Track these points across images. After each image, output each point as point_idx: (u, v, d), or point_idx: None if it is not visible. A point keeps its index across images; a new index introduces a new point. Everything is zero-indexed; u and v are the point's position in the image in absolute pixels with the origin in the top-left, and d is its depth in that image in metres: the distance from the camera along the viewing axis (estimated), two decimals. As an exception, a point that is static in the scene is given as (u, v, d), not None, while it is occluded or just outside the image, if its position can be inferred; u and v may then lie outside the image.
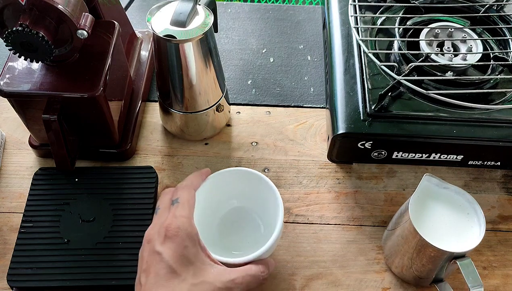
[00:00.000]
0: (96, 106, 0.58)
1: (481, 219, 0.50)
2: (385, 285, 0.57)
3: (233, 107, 0.73)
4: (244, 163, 0.67)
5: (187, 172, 0.66)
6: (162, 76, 0.62)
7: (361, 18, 0.71)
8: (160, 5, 0.58)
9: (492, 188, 0.65)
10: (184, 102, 0.63)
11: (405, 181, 0.65)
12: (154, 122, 0.71)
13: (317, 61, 0.79)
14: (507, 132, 0.59)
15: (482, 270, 0.58)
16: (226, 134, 0.70)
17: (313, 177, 0.65)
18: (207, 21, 0.56)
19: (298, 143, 0.69)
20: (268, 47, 0.81)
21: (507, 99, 0.62)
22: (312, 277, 0.57)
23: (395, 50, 0.67)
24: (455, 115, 0.60)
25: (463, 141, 0.60)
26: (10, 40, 0.49)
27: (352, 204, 0.63)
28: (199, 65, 0.59)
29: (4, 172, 0.66)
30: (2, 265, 0.57)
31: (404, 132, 0.60)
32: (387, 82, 0.62)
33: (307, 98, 0.74)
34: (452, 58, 0.64)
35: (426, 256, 0.50)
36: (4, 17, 0.52)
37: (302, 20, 0.85)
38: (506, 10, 0.72)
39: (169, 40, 0.55)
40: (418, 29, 0.68)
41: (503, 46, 0.68)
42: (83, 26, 0.52)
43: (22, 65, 0.58)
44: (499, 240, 0.60)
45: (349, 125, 0.60)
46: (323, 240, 0.60)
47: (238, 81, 0.76)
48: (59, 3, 0.50)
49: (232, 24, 0.84)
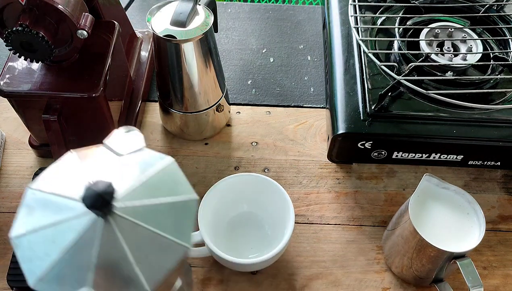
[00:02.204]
0: (96, 106, 0.58)
1: (481, 219, 0.50)
2: (385, 285, 0.57)
3: (233, 107, 0.73)
4: (244, 163, 0.67)
5: (187, 172, 0.65)
6: (162, 76, 0.62)
7: (361, 18, 0.71)
8: (160, 5, 0.58)
9: (492, 188, 0.65)
10: (184, 102, 0.63)
11: (405, 181, 0.65)
12: (154, 122, 0.71)
13: (317, 61, 0.79)
14: (507, 132, 0.59)
15: (482, 270, 0.58)
16: (226, 134, 0.70)
17: (313, 177, 0.65)
18: (207, 21, 0.56)
19: (298, 143, 0.69)
20: (268, 47, 0.81)
21: (507, 99, 0.62)
22: (312, 277, 0.57)
23: (395, 50, 0.67)
24: (455, 115, 0.60)
25: (463, 141, 0.60)
26: (10, 40, 0.49)
27: (352, 204, 0.63)
28: (199, 65, 0.59)
29: (4, 172, 0.66)
30: (2, 265, 0.57)
31: (404, 132, 0.60)
32: (387, 82, 0.62)
33: (307, 98, 0.74)
34: (452, 58, 0.64)
35: (426, 256, 0.50)
36: (4, 17, 0.52)
37: (302, 20, 0.85)
38: (506, 10, 0.72)
39: (169, 40, 0.55)
40: (418, 29, 0.68)
41: (503, 46, 0.68)
42: (83, 26, 0.52)
43: (22, 65, 0.58)
44: (499, 240, 0.60)
45: (349, 125, 0.60)
46: (323, 240, 0.60)
47: (238, 81, 0.76)
48: (59, 3, 0.50)
49: (232, 24, 0.84)
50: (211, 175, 0.65)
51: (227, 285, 0.56)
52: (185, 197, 0.32)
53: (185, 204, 0.32)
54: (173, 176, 0.33)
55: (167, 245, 0.30)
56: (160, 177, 0.32)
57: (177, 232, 0.30)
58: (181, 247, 0.30)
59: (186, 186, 0.32)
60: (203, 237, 0.52)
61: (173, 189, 0.32)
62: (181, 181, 0.32)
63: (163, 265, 0.30)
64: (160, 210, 0.31)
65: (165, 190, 0.31)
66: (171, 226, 0.30)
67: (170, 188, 0.32)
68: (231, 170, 0.66)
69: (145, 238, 0.29)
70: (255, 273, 0.57)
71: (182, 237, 0.30)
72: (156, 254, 0.29)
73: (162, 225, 0.30)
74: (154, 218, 0.30)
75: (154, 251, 0.29)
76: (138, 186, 0.30)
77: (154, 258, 0.29)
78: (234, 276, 0.57)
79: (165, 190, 0.31)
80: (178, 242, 0.30)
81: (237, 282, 0.56)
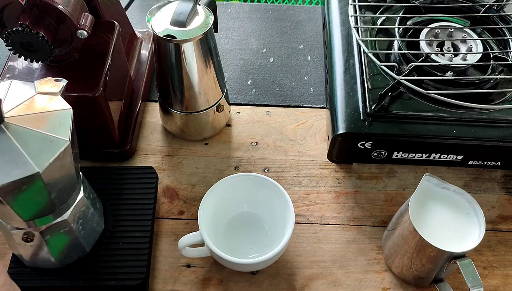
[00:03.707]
0: (96, 106, 0.58)
1: (481, 219, 0.50)
2: (385, 285, 0.57)
3: (233, 107, 0.73)
4: (244, 163, 0.67)
5: (187, 172, 0.66)
6: (162, 76, 0.62)
7: (361, 18, 0.71)
8: (160, 5, 0.58)
9: (492, 188, 0.65)
10: (184, 102, 0.63)
11: (405, 181, 0.65)
12: (154, 122, 0.71)
13: (317, 61, 0.79)
14: (507, 132, 0.59)
15: (482, 270, 0.58)
16: (226, 134, 0.70)
17: (313, 177, 0.65)
18: (207, 21, 0.56)
19: (298, 143, 0.69)
20: (268, 47, 0.81)
21: (507, 99, 0.62)
22: (312, 277, 0.57)
23: (395, 50, 0.67)
24: (455, 115, 0.60)
25: (463, 141, 0.60)
26: (10, 40, 0.50)
27: (352, 204, 0.63)
28: (199, 65, 0.59)
29: None
30: (2, 265, 0.57)
31: (404, 132, 0.60)
32: (387, 82, 0.62)
33: (307, 98, 0.74)
34: (452, 58, 0.64)
35: (426, 256, 0.50)
36: (4, 17, 0.52)
37: (302, 20, 0.85)
38: (506, 10, 0.72)
39: (169, 40, 0.55)
40: (418, 29, 0.68)
41: (503, 46, 0.68)
42: (83, 26, 0.52)
43: (22, 65, 0.58)
44: (499, 240, 0.60)
45: (349, 125, 0.60)
46: (323, 240, 0.60)
47: (238, 81, 0.76)
48: (59, 3, 0.50)
49: (232, 24, 0.84)
50: (211, 175, 0.65)
51: (227, 285, 0.56)
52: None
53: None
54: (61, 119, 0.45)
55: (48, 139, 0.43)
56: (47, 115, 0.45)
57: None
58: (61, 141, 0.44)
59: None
60: (203, 237, 0.52)
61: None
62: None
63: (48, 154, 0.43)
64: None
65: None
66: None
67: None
68: (231, 170, 0.66)
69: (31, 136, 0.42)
70: (255, 273, 0.57)
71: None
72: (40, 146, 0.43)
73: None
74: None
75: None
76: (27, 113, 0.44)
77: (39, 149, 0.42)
78: (234, 276, 0.57)
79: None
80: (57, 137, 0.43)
81: (237, 282, 0.57)
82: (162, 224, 0.61)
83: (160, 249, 0.59)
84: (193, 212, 0.62)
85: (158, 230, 0.60)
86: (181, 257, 0.58)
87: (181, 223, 0.61)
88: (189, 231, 0.57)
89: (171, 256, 0.58)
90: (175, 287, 0.56)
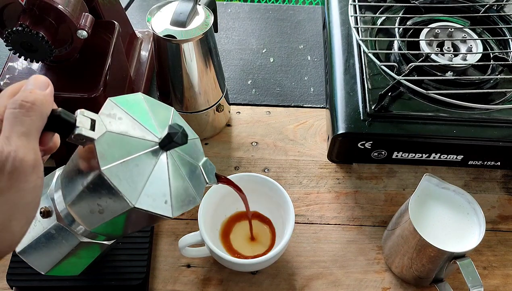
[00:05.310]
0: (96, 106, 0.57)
1: (481, 219, 0.50)
2: (385, 285, 0.57)
3: (233, 107, 0.73)
4: (244, 163, 0.67)
5: (187, 172, 0.66)
6: (162, 76, 0.62)
7: (361, 18, 0.71)
8: (160, 5, 0.58)
9: (492, 188, 0.65)
10: (184, 102, 0.63)
11: (405, 181, 0.65)
12: (154, 122, 0.71)
13: (317, 61, 0.79)
14: (507, 132, 0.59)
15: (482, 270, 0.58)
16: (226, 134, 0.70)
17: (313, 177, 0.65)
18: (207, 21, 0.56)
19: (298, 143, 0.69)
20: (268, 47, 0.81)
21: (507, 99, 0.62)
22: (312, 277, 0.57)
23: (395, 50, 0.67)
24: (455, 115, 0.60)
25: (463, 141, 0.60)
26: (10, 40, 0.49)
27: (352, 204, 0.63)
28: (199, 65, 0.59)
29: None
30: (2, 265, 0.57)
31: (404, 132, 0.60)
32: (387, 82, 0.62)
33: (307, 98, 0.74)
34: (452, 58, 0.64)
35: (426, 256, 0.50)
36: (4, 17, 0.52)
37: (302, 20, 0.85)
38: (506, 10, 0.72)
39: (169, 40, 0.55)
40: (418, 29, 0.68)
41: (503, 46, 0.68)
42: (83, 26, 0.52)
43: (22, 65, 0.58)
44: (499, 240, 0.60)
45: (349, 125, 0.60)
46: (323, 240, 0.60)
47: (238, 81, 0.76)
48: (59, 3, 0.50)
49: (232, 24, 0.84)
50: (211, 175, 0.65)
51: (227, 285, 0.56)
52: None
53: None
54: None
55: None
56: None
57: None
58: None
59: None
60: (203, 237, 0.52)
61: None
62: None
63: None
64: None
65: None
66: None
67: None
68: (231, 170, 0.66)
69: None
70: (255, 273, 0.57)
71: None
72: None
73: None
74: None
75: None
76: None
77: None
78: (234, 276, 0.57)
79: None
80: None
81: (237, 282, 0.57)
82: (162, 224, 0.61)
83: (160, 249, 0.59)
84: (193, 212, 0.62)
85: (158, 230, 0.60)
86: (181, 257, 0.58)
87: (181, 223, 0.61)
88: (189, 231, 0.57)
89: (171, 256, 0.58)
90: (175, 287, 0.56)
